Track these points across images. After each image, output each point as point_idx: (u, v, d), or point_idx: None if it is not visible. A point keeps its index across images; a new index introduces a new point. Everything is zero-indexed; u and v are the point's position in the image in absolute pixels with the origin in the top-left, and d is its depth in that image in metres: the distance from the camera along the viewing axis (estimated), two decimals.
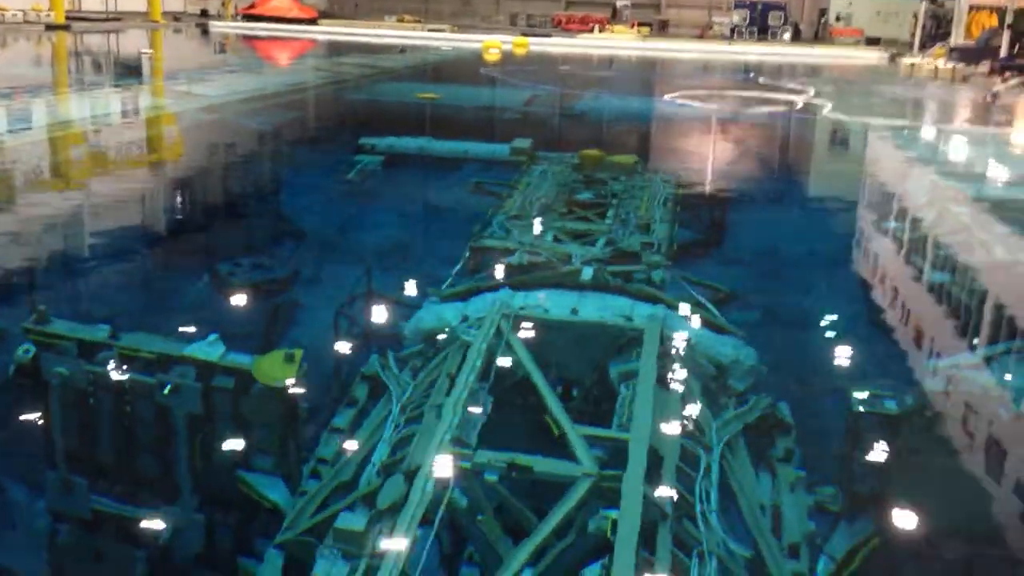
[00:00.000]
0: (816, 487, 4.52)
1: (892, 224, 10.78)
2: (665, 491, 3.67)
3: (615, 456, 3.77)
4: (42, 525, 4.74)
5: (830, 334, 6.98)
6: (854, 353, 6.30)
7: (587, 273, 5.56)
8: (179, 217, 10.78)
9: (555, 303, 5.14)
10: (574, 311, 5.03)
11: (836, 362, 6.24)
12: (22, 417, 4.81)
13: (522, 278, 5.57)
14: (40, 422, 4.72)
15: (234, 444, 4.52)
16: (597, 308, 5.11)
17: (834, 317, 7.38)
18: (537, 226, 6.90)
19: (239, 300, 7.33)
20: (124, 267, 8.44)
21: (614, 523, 3.35)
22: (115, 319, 6.61)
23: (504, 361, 4.58)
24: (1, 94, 18.40)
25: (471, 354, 4.48)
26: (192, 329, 4.90)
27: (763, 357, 5.34)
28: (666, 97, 22.27)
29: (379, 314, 6.71)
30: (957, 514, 4.15)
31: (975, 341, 6.87)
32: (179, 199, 11.52)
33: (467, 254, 6.49)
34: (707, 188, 11.93)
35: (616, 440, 3.88)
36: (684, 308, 5.32)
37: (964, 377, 5.89)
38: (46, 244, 8.94)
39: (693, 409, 4.44)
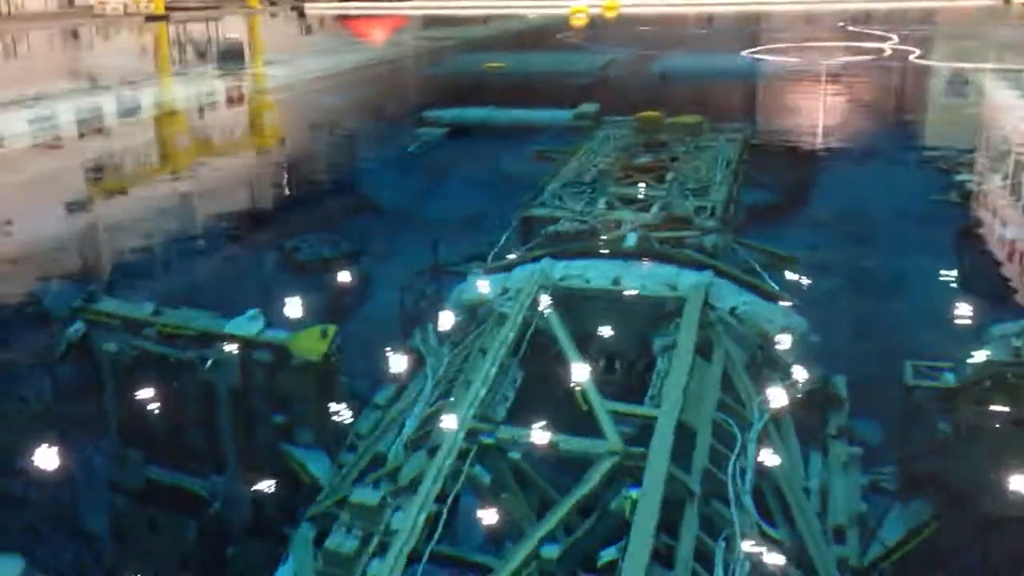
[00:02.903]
0: (873, 468, 4.28)
1: (975, 178, 10.18)
2: (694, 469, 3.52)
3: (645, 433, 3.64)
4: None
5: (911, 301, 6.64)
6: (933, 321, 5.97)
7: (631, 240, 5.38)
8: (244, 195, 11.01)
9: (597, 272, 4.97)
10: (616, 281, 4.86)
11: (914, 332, 5.92)
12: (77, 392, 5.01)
13: (565, 247, 5.41)
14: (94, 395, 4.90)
15: (277, 418, 4.59)
16: (640, 277, 4.91)
17: (918, 282, 7.01)
18: (590, 193, 6.70)
19: (307, 276, 7.46)
20: (200, 245, 8.68)
21: (635, 503, 3.24)
22: (191, 294, 6.85)
23: (540, 334, 4.48)
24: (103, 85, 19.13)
25: (504, 328, 4.39)
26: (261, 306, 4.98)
27: (827, 327, 5.05)
28: (746, 53, 21.57)
29: (435, 287, 6.72)
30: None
31: None
32: (247, 178, 11.75)
33: (515, 224, 6.36)
34: (780, 146, 11.49)
35: (646, 416, 3.75)
36: (733, 275, 5.08)
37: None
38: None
39: (734, 382, 4.25)
